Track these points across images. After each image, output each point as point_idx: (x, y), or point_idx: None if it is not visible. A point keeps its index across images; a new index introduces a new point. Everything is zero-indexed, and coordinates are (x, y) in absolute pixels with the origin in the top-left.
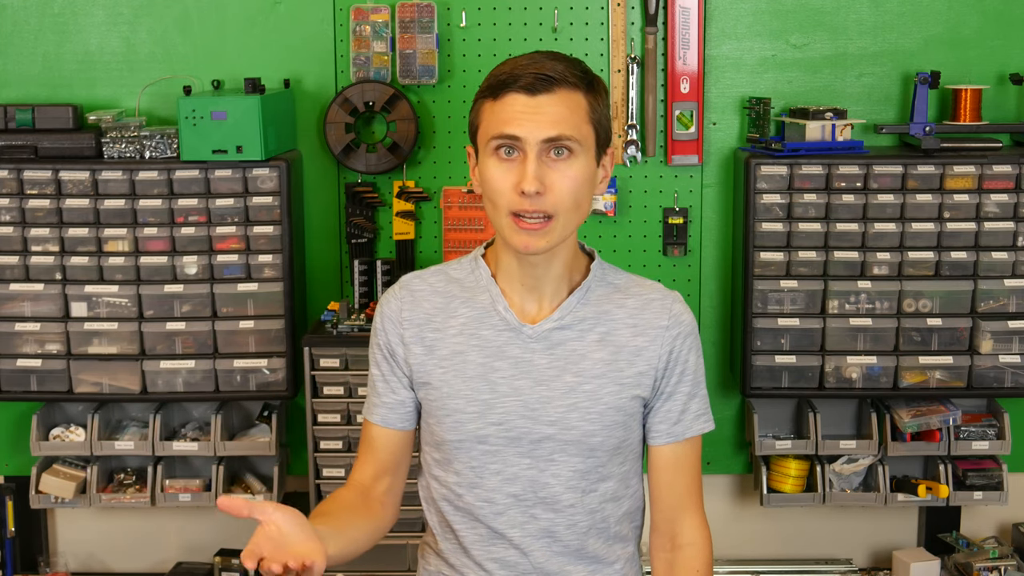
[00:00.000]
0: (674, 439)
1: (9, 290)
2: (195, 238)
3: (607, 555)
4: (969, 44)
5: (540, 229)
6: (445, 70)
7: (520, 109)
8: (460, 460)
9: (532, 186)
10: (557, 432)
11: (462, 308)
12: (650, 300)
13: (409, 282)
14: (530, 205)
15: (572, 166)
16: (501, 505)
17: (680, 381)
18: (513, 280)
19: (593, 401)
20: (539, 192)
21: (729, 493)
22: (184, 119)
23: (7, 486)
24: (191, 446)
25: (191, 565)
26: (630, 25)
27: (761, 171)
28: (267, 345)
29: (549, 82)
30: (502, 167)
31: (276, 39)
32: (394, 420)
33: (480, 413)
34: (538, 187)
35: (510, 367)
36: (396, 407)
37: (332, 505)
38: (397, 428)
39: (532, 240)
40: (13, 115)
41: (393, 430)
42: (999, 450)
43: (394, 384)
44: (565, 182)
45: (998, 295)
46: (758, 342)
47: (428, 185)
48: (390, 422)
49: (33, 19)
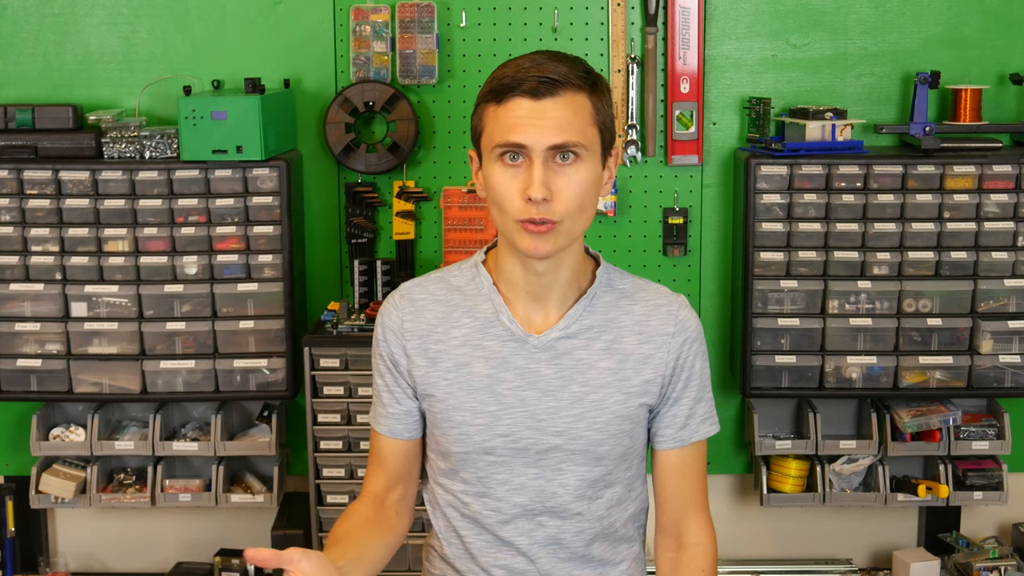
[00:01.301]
0: (680, 443)
1: (9, 290)
2: (195, 238)
3: (613, 557)
4: (969, 44)
5: (547, 232)
6: (445, 70)
7: (524, 115)
8: (467, 470)
9: (540, 193)
10: (564, 442)
11: (464, 318)
12: (656, 306)
13: (409, 291)
14: (537, 212)
15: (578, 171)
16: (508, 514)
17: (686, 386)
18: (517, 288)
19: (600, 411)
20: (546, 199)
21: (729, 493)
22: (184, 119)
23: (7, 486)
24: (191, 446)
25: (191, 565)
26: (630, 25)
27: (761, 171)
28: (267, 345)
29: (553, 85)
30: (507, 173)
31: (276, 39)
32: (400, 430)
33: (487, 425)
34: (545, 194)
35: (516, 378)
36: (402, 417)
37: (349, 524)
38: (404, 438)
39: (539, 243)
40: (13, 115)
41: (400, 440)
42: (999, 450)
43: (399, 395)
44: (571, 187)
45: (998, 295)
46: (758, 342)
47: (428, 185)
48: (396, 432)
49: (33, 19)
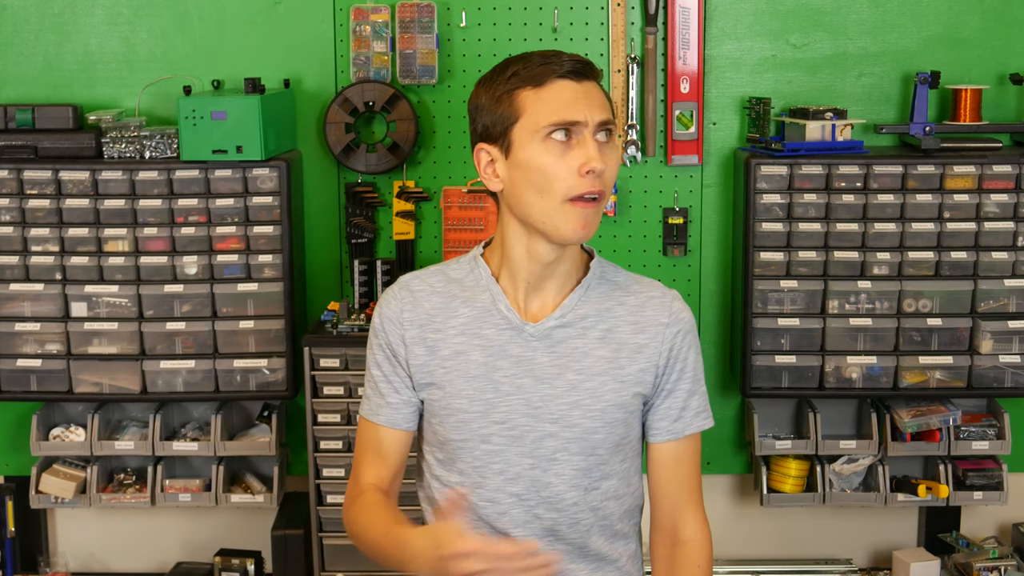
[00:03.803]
0: (674, 436)
1: (9, 290)
2: (195, 238)
3: (610, 553)
4: (969, 44)
5: (595, 207)
6: (445, 70)
7: (573, 95)
8: (463, 460)
9: (600, 164)
10: (559, 430)
11: (463, 308)
12: (650, 297)
13: (408, 282)
14: (592, 185)
15: (615, 148)
16: (504, 505)
17: (680, 378)
18: (518, 279)
19: (595, 398)
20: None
21: (729, 493)
22: (184, 119)
23: (7, 486)
24: (191, 446)
25: (191, 565)
26: (630, 25)
27: (761, 171)
28: (267, 345)
29: (588, 68)
30: (557, 151)
31: (276, 39)
32: (399, 420)
33: (483, 412)
34: (603, 165)
35: (512, 365)
36: (401, 407)
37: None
38: (403, 428)
39: (588, 221)
40: (13, 115)
41: (399, 430)
42: (999, 450)
43: (397, 384)
44: (613, 163)
45: (998, 295)
46: (758, 342)
47: (428, 185)
48: (396, 422)
49: (33, 19)
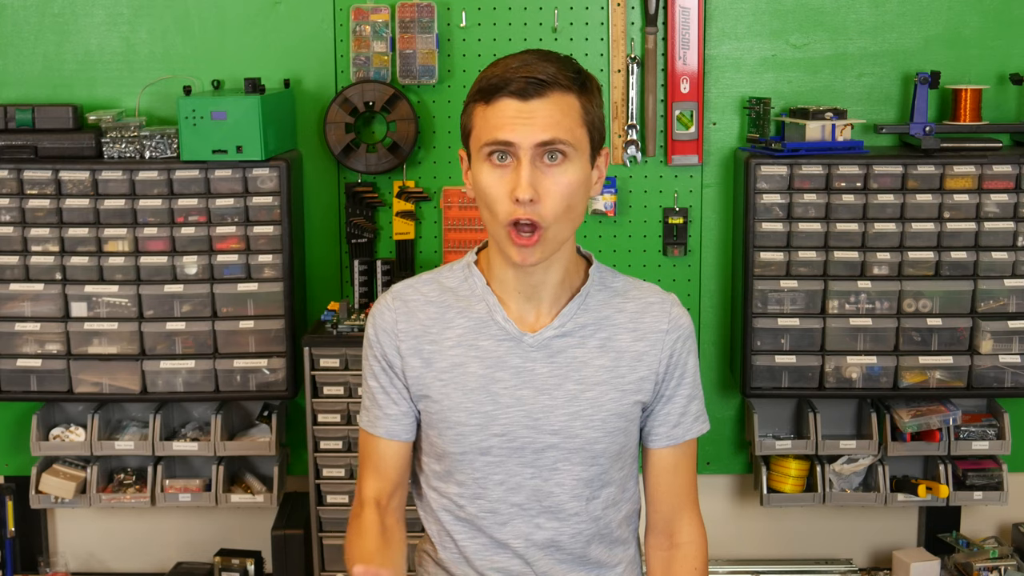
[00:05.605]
0: (673, 442)
1: (9, 290)
2: (195, 238)
3: (609, 559)
4: (969, 44)
5: (533, 244)
6: (445, 70)
7: (512, 115)
8: (463, 471)
9: (526, 193)
10: (561, 441)
11: (458, 318)
12: (649, 304)
13: (401, 292)
14: (524, 213)
15: (566, 172)
16: (505, 515)
17: (679, 384)
18: (509, 288)
19: (596, 408)
20: (533, 200)
21: (729, 493)
22: (184, 119)
23: (7, 486)
24: (191, 446)
25: (191, 565)
26: (630, 25)
27: (761, 171)
28: (267, 345)
29: (541, 86)
30: (495, 173)
31: (276, 39)
32: (399, 432)
33: (483, 425)
34: (532, 194)
35: (512, 377)
36: (400, 418)
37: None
38: (403, 440)
39: (527, 255)
40: (13, 115)
41: (399, 442)
42: (999, 450)
43: (395, 396)
44: (558, 188)
45: (998, 295)
46: (758, 342)
47: (428, 185)
48: (395, 434)
49: (33, 19)
